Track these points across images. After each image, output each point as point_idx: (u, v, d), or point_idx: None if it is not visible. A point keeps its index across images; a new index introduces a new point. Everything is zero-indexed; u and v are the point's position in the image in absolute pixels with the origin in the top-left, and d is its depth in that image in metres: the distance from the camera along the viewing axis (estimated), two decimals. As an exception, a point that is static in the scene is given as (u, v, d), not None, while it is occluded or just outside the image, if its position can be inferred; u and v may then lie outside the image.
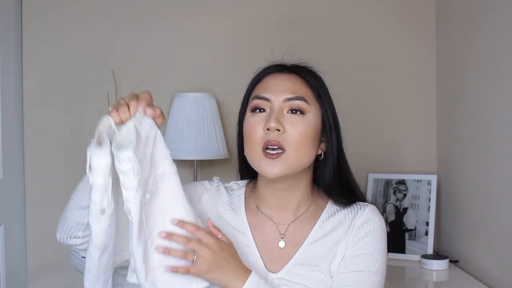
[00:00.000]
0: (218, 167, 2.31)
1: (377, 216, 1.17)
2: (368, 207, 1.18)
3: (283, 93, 1.14)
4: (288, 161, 1.10)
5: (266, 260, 1.15)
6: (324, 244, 1.15)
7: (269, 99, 1.14)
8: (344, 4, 2.31)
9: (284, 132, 1.11)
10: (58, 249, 2.16)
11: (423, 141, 2.30)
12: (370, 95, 2.30)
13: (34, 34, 2.30)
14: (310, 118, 1.13)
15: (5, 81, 2.19)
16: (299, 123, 1.12)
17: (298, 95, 1.13)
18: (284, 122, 1.11)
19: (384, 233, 1.16)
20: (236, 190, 1.26)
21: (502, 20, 1.70)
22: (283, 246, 1.16)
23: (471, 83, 1.94)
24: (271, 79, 1.17)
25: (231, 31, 2.30)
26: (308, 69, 1.21)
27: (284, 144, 1.10)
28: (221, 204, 1.23)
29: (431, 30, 2.29)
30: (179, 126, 2.10)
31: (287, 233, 1.17)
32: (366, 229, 1.14)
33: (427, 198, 2.12)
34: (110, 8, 2.30)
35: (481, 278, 1.83)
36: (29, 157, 2.30)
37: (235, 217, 1.21)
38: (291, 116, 1.12)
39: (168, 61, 2.31)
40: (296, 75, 1.17)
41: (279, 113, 1.12)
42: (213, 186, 1.26)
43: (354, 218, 1.16)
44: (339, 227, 1.16)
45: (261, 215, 1.20)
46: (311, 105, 1.14)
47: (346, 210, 1.18)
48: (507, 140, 1.67)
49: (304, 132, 1.11)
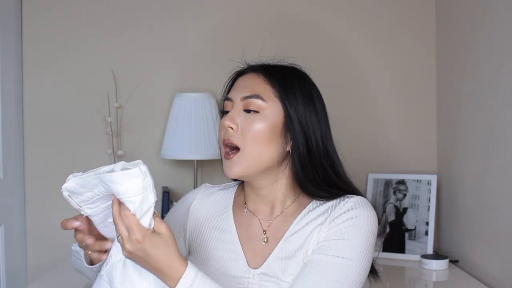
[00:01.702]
0: (218, 167, 2.29)
1: (365, 206, 1.12)
2: (354, 198, 1.14)
3: (241, 91, 1.15)
4: (245, 160, 1.11)
5: (249, 256, 1.16)
6: (302, 233, 1.13)
7: (231, 99, 1.16)
8: (344, 4, 2.31)
9: (238, 130, 1.12)
10: (58, 249, 2.17)
11: (423, 141, 2.30)
12: (370, 95, 2.30)
13: (34, 34, 2.30)
14: (266, 115, 1.12)
15: (5, 81, 2.19)
16: (253, 121, 1.12)
17: (253, 93, 1.13)
18: (238, 120, 1.13)
19: (371, 225, 1.10)
20: (228, 190, 1.28)
21: (502, 20, 1.70)
22: (265, 242, 1.16)
23: (471, 83, 1.94)
24: (239, 80, 1.20)
25: (232, 31, 2.30)
26: (279, 67, 1.20)
27: (238, 142, 1.12)
28: (208, 207, 1.25)
29: (431, 30, 2.29)
30: (179, 126, 2.10)
31: (270, 228, 1.17)
32: (348, 215, 1.10)
33: (427, 198, 2.12)
34: (110, 8, 2.30)
35: (481, 278, 1.83)
36: (29, 157, 2.30)
37: (221, 216, 1.22)
38: (245, 115, 1.13)
39: (168, 61, 2.31)
40: (259, 73, 1.17)
41: (235, 112, 1.14)
42: (198, 193, 1.28)
43: (336, 207, 1.13)
44: (319, 217, 1.14)
45: (247, 212, 1.21)
46: (268, 102, 1.13)
47: (330, 202, 1.15)
48: (507, 140, 1.67)
49: (257, 130, 1.11)
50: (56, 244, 2.20)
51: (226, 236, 1.19)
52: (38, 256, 2.28)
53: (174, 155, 2.12)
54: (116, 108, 2.27)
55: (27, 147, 2.30)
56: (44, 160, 2.29)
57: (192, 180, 2.24)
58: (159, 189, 2.28)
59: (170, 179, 2.29)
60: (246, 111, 1.14)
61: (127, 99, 2.27)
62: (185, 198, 1.30)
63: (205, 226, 1.23)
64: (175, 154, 2.12)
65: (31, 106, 2.30)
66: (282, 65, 1.22)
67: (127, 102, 2.27)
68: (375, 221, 1.12)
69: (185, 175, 2.30)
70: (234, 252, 1.17)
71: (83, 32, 2.30)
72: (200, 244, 1.21)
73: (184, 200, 1.29)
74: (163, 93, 2.30)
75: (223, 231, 1.20)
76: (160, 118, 2.29)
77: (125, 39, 2.30)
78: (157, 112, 2.30)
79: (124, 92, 2.28)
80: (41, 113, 2.30)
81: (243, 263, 1.15)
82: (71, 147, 2.29)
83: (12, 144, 2.24)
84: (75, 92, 2.31)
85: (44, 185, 2.28)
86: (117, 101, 2.27)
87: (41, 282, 1.92)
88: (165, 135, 2.16)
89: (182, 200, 1.30)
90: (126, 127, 2.29)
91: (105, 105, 2.26)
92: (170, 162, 2.29)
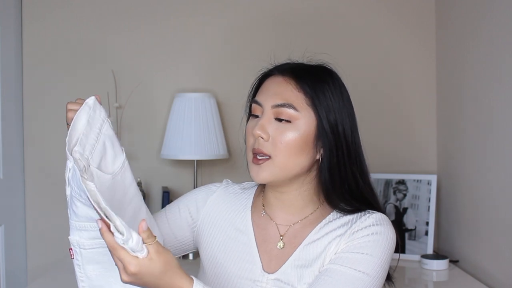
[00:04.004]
0: (218, 167, 2.31)
1: (387, 223, 1.11)
2: (377, 214, 1.12)
3: (272, 98, 1.11)
4: (274, 168, 1.09)
5: (264, 260, 1.15)
6: (320, 243, 1.12)
7: (261, 104, 1.12)
8: (343, 4, 2.31)
9: (270, 139, 1.10)
10: (58, 249, 2.17)
11: (423, 141, 2.30)
12: (370, 95, 2.30)
13: (34, 34, 2.29)
14: (299, 124, 1.10)
15: (5, 81, 2.19)
16: (285, 130, 1.09)
17: (285, 102, 1.10)
18: (270, 129, 1.10)
19: (390, 243, 1.09)
20: (248, 189, 1.25)
21: (502, 20, 1.70)
22: (281, 247, 1.15)
23: (471, 83, 1.94)
24: (267, 83, 1.15)
25: (232, 31, 2.30)
26: (308, 69, 1.17)
27: (269, 151, 1.09)
28: (227, 205, 1.22)
29: (431, 30, 2.29)
30: (179, 126, 2.10)
31: (287, 234, 1.16)
32: (370, 230, 1.08)
33: (427, 198, 2.12)
34: (110, 8, 2.30)
35: (481, 278, 1.83)
36: (29, 157, 2.30)
37: (239, 216, 1.20)
38: (277, 124, 1.10)
39: (168, 61, 2.31)
40: (290, 78, 1.12)
41: (266, 120, 1.11)
42: (220, 188, 1.26)
43: (357, 221, 1.11)
44: (339, 228, 1.12)
45: (264, 214, 1.19)
46: (300, 112, 1.10)
47: (352, 215, 1.13)
48: (507, 140, 1.67)
49: (289, 140, 1.09)
50: (56, 244, 2.20)
51: (243, 237, 1.17)
52: (38, 256, 2.28)
53: (174, 155, 2.12)
54: (116, 108, 2.27)
55: (27, 147, 2.30)
56: (44, 160, 2.29)
57: (192, 180, 2.24)
58: (159, 189, 2.28)
59: (170, 179, 2.29)
60: (277, 120, 1.10)
61: (127, 99, 2.27)
62: (206, 188, 1.26)
63: (222, 222, 1.20)
64: (175, 154, 2.12)
65: (31, 106, 2.30)
66: (311, 64, 1.18)
67: (127, 102, 2.27)
68: (394, 240, 1.11)
69: (185, 175, 2.30)
70: (249, 254, 1.15)
71: (83, 32, 2.30)
72: (213, 240, 1.19)
73: (204, 189, 1.25)
74: (163, 93, 2.29)
75: (240, 231, 1.18)
76: (160, 118, 2.29)
77: (125, 39, 2.30)
78: (157, 112, 2.30)
79: (124, 92, 2.28)
80: (41, 113, 2.30)
81: (259, 266, 1.14)
82: (71, 147, 2.29)
83: (12, 144, 2.24)
84: (75, 92, 2.30)
85: (44, 185, 2.28)
86: (117, 101, 2.27)
87: (41, 282, 1.92)
88: (165, 135, 2.16)
89: (202, 189, 1.26)
90: (126, 127, 2.29)
91: (105, 105, 2.25)
92: (170, 162, 2.29)
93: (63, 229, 1.06)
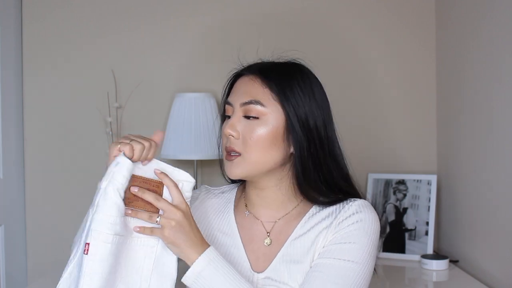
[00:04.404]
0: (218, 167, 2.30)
1: (368, 209, 1.13)
2: (358, 201, 1.14)
3: (241, 97, 1.14)
4: (245, 164, 1.12)
5: (252, 259, 1.16)
6: (307, 238, 1.13)
7: (232, 104, 1.15)
8: (343, 3, 2.31)
9: (240, 137, 1.12)
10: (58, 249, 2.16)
11: (423, 141, 2.30)
12: (370, 95, 2.30)
13: (34, 34, 2.30)
14: (267, 120, 1.12)
15: (5, 81, 2.19)
16: (253, 127, 1.12)
17: (252, 99, 1.12)
18: (239, 127, 1.13)
19: (374, 228, 1.12)
20: (227, 193, 1.28)
21: (502, 20, 1.70)
22: (269, 244, 1.16)
23: (471, 83, 1.94)
24: (237, 83, 1.18)
25: (232, 31, 2.30)
26: (276, 66, 1.18)
27: (240, 149, 1.12)
28: (210, 209, 1.25)
29: (431, 30, 2.29)
30: (179, 126, 2.10)
31: (273, 230, 1.17)
32: (353, 219, 1.11)
33: (427, 198, 2.12)
34: (110, 8, 2.30)
35: (481, 278, 1.83)
36: (29, 157, 2.30)
37: (222, 219, 1.22)
38: (246, 121, 1.13)
39: (168, 61, 2.31)
40: (256, 76, 1.15)
41: (235, 119, 1.14)
42: (201, 194, 1.29)
43: (341, 211, 1.13)
44: (324, 220, 1.14)
45: (249, 214, 1.20)
46: (268, 107, 1.12)
47: (335, 206, 1.15)
48: (507, 140, 1.67)
49: (258, 136, 1.11)
50: (56, 244, 2.20)
51: (228, 239, 1.19)
52: (38, 256, 2.28)
53: (174, 155, 2.12)
54: (116, 108, 2.27)
55: (27, 147, 2.30)
56: (44, 160, 2.29)
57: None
58: (159, 189, 2.28)
59: (170, 179, 2.29)
60: (246, 117, 1.13)
61: (127, 99, 2.27)
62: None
63: (207, 227, 1.22)
64: (175, 154, 2.12)
65: (31, 106, 2.30)
66: (280, 62, 1.20)
67: (127, 102, 2.28)
68: (378, 223, 1.14)
69: (185, 175, 2.30)
70: (237, 255, 1.16)
71: (83, 32, 2.30)
72: None
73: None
74: (163, 93, 2.30)
75: (225, 234, 1.20)
76: (160, 118, 2.29)
77: (125, 39, 2.30)
78: (157, 112, 2.30)
79: (124, 92, 2.28)
80: (41, 113, 2.30)
81: (247, 267, 1.15)
82: (71, 147, 2.29)
83: (12, 144, 2.24)
84: (75, 92, 2.31)
85: (44, 185, 2.28)
86: (117, 101, 2.27)
87: (41, 282, 1.92)
88: (165, 135, 2.16)
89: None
90: (126, 127, 2.29)
91: (105, 105, 2.26)
92: (170, 162, 2.28)
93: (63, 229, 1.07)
